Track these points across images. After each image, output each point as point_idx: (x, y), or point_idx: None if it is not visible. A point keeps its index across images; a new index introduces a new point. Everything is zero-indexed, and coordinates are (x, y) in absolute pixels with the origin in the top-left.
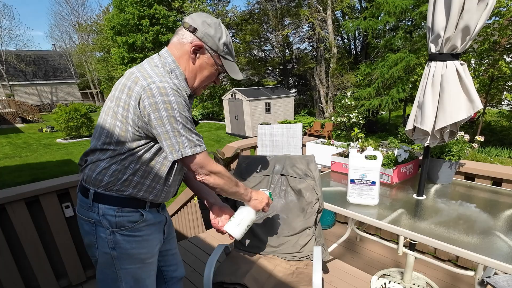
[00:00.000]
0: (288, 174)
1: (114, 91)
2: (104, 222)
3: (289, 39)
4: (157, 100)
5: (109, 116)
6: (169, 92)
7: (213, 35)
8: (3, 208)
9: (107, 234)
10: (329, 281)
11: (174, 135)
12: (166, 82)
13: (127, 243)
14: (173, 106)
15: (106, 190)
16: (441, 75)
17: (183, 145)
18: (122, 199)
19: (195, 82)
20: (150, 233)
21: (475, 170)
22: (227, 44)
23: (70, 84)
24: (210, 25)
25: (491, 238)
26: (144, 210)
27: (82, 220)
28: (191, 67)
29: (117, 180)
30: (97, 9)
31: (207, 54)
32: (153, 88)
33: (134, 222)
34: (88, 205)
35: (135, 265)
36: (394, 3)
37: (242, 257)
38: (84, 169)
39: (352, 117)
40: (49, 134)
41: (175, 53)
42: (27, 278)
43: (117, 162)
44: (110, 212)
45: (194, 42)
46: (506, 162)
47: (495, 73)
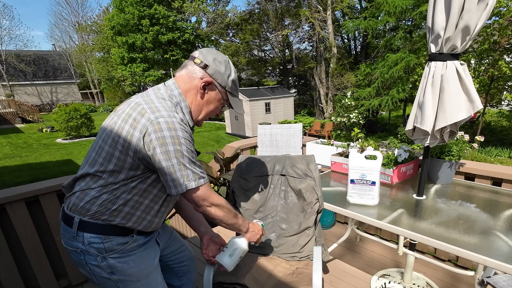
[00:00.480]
0: (288, 174)
1: (116, 119)
2: (91, 251)
3: (289, 39)
4: (165, 135)
5: (107, 144)
6: (177, 127)
7: (223, 72)
8: (3, 208)
9: (99, 261)
10: (329, 281)
11: (180, 169)
12: (174, 117)
13: (124, 264)
14: (180, 141)
15: (92, 218)
16: (441, 75)
17: (187, 178)
18: (108, 226)
19: (200, 116)
20: (143, 249)
21: (475, 170)
22: (235, 81)
23: (70, 84)
24: (221, 62)
25: (491, 238)
26: (132, 235)
27: (69, 250)
28: (198, 102)
29: (106, 210)
30: (97, 9)
31: (216, 90)
32: (161, 123)
33: (123, 244)
34: (72, 235)
35: (140, 282)
36: (394, 3)
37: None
38: (70, 197)
39: (352, 117)
40: (49, 134)
41: (182, 86)
42: (27, 278)
43: (108, 191)
44: (96, 240)
45: (204, 78)
46: (506, 162)
47: (495, 73)
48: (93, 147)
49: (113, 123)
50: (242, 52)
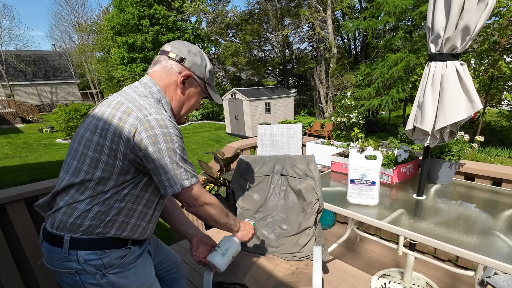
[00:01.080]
0: (288, 174)
1: (97, 121)
2: (89, 269)
3: (289, 39)
4: (157, 133)
5: (90, 149)
6: (168, 124)
7: (200, 64)
8: (3, 208)
9: (98, 279)
10: (329, 281)
11: (173, 168)
12: (162, 114)
13: (125, 279)
14: (172, 138)
15: (86, 234)
16: (441, 75)
17: (181, 176)
18: (103, 240)
19: (182, 111)
20: (141, 260)
21: (475, 170)
22: (211, 71)
23: (70, 84)
24: (196, 54)
25: (491, 238)
26: (127, 246)
27: (58, 273)
28: (178, 97)
29: (100, 222)
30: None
31: (195, 83)
32: (151, 120)
33: (122, 257)
34: (63, 255)
35: None
36: (394, 3)
37: (242, 257)
38: (54, 214)
39: (352, 117)
40: (49, 134)
41: (160, 82)
42: (27, 278)
43: (100, 202)
44: (93, 257)
45: (183, 72)
46: (506, 162)
47: (495, 73)
48: (71, 155)
49: (93, 126)
50: (242, 52)
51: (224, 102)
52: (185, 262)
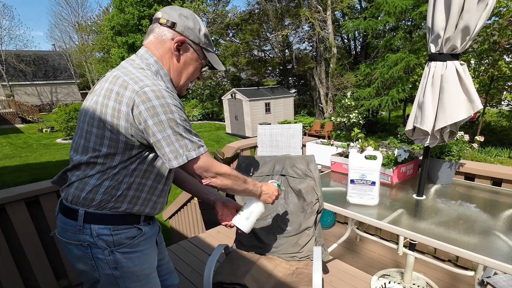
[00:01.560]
0: (288, 174)
1: (96, 98)
2: (100, 243)
3: (289, 39)
4: (155, 104)
5: (94, 126)
6: (165, 94)
7: (193, 27)
8: (3, 208)
9: (106, 255)
10: (329, 281)
11: (177, 139)
12: (159, 85)
13: (129, 261)
14: (171, 109)
15: (99, 209)
16: (441, 75)
17: (187, 148)
18: (117, 216)
19: (181, 81)
20: (148, 246)
21: (475, 170)
22: (207, 35)
23: (70, 84)
24: (187, 17)
25: (491, 238)
26: (139, 225)
27: (70, 245)
28: (175, 66)
29: (111, 197)
30: (97, 9)
31: (190, 49)
32: (148, 92)
33: (132, 238)
34: (78, 228)
35: (140, 282)
36: (394, 3)
37: (242, 257)
38: (68, 188)
39: (352, 117)
40: (49, 134)
41: (155, 52)
42: (27, 278)
43: (109, 177)
44: (105, 232)
45: (176, 38)
46: (506, 162)
47: (495, 73)
48: (78, 134)
49: (94, 103)
50: (242, 52)
51: (224, 102)
52: (185, 263)
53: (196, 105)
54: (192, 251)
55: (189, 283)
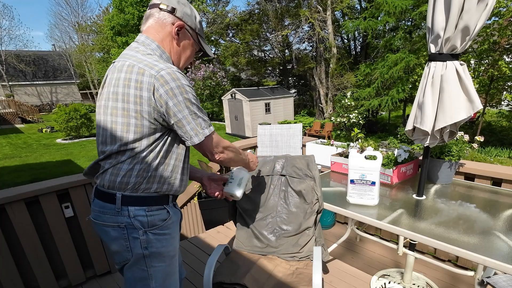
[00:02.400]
0: (288, 174)
1: (114, 88)
2: (136, 224)
3: (289, 39)
4: (172, 86)
5: (118, 116)
6: (179, 76)
7: (190, 14)
8: (3, 209)
9: (140, 234)
10: (329, 281)
11: (193, 118)
12: (172, 67)
13: (158, 242)
14: (186, 89)
15: (134, 191)
16: (440, 75)
17: (201, 126)
18: (149, 198)
19: (180, 63)
20: (175, 230)
21: (474, 170)
22: (201, 22)
23: (70, 84)
24: (185, 4)
25: (491, 238)
26: (168, 206)
27: (107, 227)
28: (175, 49)
29: (143, 179)
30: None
31: (188, 34)
32: (164, 75)
33: (164, 220)
34: (116, 210)
35: (164, 263)
36: (394, 3)
37: (242, 257)
38: (103, 175)
39: (352, 117)
40: (49, 134)
41: (156, 37)
42: (27, 279)
43: (139, 161)
44: (141, 213)
45: (176, 22)
46: (506, 162)
47: (494, 73)
48: (102, 127)
49: (114, 94)
50: (242, 52)
51: (224, 102)
52: (185, 263)
53: None
54: (192, 251)
55: (189, 283)
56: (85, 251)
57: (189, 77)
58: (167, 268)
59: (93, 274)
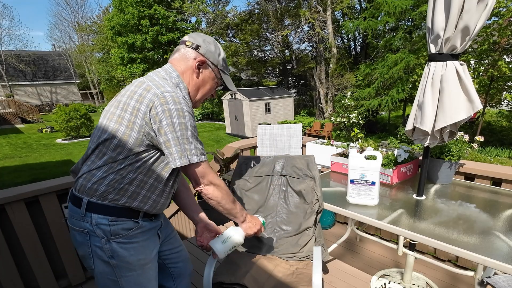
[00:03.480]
0: (288, 174)
1: (120, 98)
2: (98, 232)
3: (288, 39)
4: (171, 107)
5: (112, 121)
6: (182, 101)
7: (213, 51)
8: (2, 209)
9: (103, 243)
10: (329, 281)
11: (183, 142)
12: (178, 93)
13: (125, 251)
14: (185, 114)
15: (100, 199)
16: (440, 75)
17: (190, 152)
18: (116, 208)
19: (197, 95)
20: (145, 238)
21: (474, 170)
22: (225, 59)
23: (69, 84)
24: (210, 42)
25: (491, 238)
26: (139, 219)
27: (74, 230)
28: (194, 81)
29: (113, 189)
30: (97, 9)
31: (209, 68)
32: (167, 96)
33: (128, 230)
34: (80, 215)
35: (135, 272)
36: (394, 4)
37: (242, 258)
38: (79, 179)
39: (352, 117)
40: (49, 134)
41: (179, 68)
42: (27, 279)
43: (114, 171)
44: (104, 222)
45: (198, 58)
46: (506, 162)
47: (494, 73)
48: (97, 127)
49: (117, 102)
50: (242, 52)
51: (224, 102)
52: None
53: None
54: (192, 251)
55: None
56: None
57: None
58: (139, 278)
59: (93, 274)
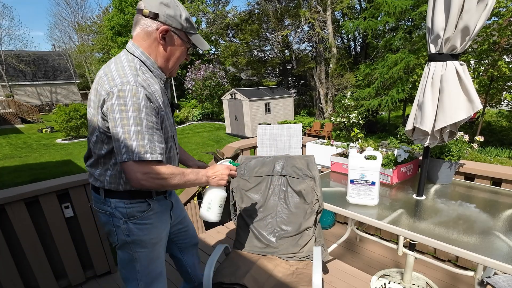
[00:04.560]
0: (288, 175)
1: (90, 95)
2: (117, 214)
3: (288, 39)
4: (114, 102)
5: (88, 120)
6: (128, 94)
7: (174, 14)
8: (2, 209)
9: (121, 223)
10: (329, 281)
11: (125, 138)
12: (127, 84)
13: (139, 231)
14: (128, 109)
15: (113, 187)
16: (440, 75)
17: (132, 148)
18: (130, 192)
19: (169, 65)
20: (158, 220)
21: (474, 170)
22: (188, 18)
23: (69, 84)
24: (167, 5)
25: (491, 238)
26: (151, 200)
27: (99, 212)
28: (162, 54)
29: (117, 183)
30: (97, 9)
31: (175, 35)
32: (114, 91)
33: (142, 212)
34: (101, 200)
35: (147, 249)
36: (394, 4)
37: (241, 258)
38: (89, 170)
39: (352, 117)
40: (49, 134)
41: (142, 44)
42: (27, 279)
43: (109, 167)
44: (121, 205)
45: (160, 28)
46: (506, 162)
47: (494, 74)
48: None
49: (88, 100)
50: (241, 52)
51: (224, 102)
52: None
53: (196, 105)
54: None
55: None
56: (85, 251)
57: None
58: (150, 254)
59: (93, 274)
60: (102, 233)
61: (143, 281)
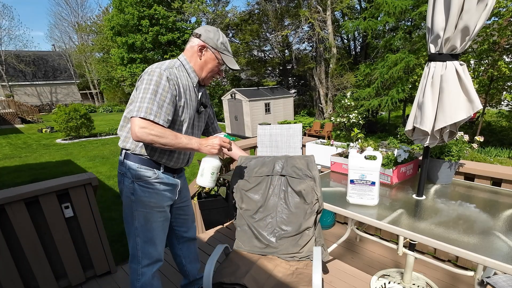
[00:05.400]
0: (288, 175)
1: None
2: (128, 174)
3: (288, 39)
4: (143, 77)
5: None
6: (156, 73)
7: (212, 37)
8: (2, 209)
9: (129, 183)
10: (329, 281)
11: (141, 101)
12: (158, 68)
13: (141, 192)
14: (151, 82)
15: (132, 151)
16: (440, 75)
17: (140, 108)
18: (142, 159)
19: (203, 73)
20: (162, 189)
21: (474, 170)
22: (224, 43)
23: (69, 84)
24: (210, 31)
25: (491, 238)
26: (158, 171)
27: (118, 172)
28: (198, 62)
29: (136, 146)
30: (97, 9)
31: (209, 51)
32: (148, 70)
33: (148, 177)
34: (121, 161)
35: (145, 210)
36: (394, 4)
37: (241, 258)
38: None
39: (352, 117)
40: (49, 134)
41: (187, 54)
42: (27, 279)
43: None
44: (133, 167)
45: (199, 44)
46: (506, 162)
47: (494, 74)
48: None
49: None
50: (241, 52)
51: (224, 102)
52: None
53: None
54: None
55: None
56: (85, 251)
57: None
58: (147, 215)
59: (93, 274)
60: (102, 233)
61: (140, 237)
